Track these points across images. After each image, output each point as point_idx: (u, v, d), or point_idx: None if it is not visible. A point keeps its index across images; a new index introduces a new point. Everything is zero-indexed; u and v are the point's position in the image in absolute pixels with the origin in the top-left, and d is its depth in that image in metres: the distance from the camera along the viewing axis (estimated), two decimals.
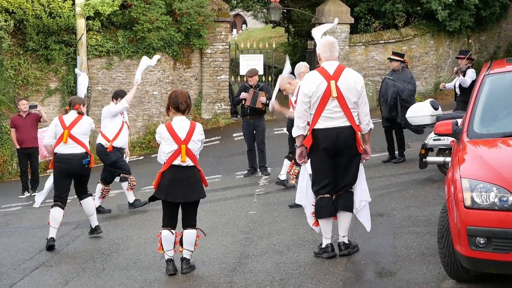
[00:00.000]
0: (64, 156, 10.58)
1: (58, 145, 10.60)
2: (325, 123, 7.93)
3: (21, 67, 21.70)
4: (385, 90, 14.41)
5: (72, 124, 10.60)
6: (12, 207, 15.69)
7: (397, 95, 14.17)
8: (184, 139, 8.31)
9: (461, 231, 6.32)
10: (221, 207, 12.28)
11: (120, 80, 22.90)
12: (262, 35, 42.69)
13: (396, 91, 14.19)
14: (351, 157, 8.02)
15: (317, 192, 8.15)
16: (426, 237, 8.67)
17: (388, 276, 7.42)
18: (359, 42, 25.64)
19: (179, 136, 8.31)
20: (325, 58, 8.13)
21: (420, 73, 26.16)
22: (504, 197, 6.16)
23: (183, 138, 8.31)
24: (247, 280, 7.87)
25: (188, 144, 8.31)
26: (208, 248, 9.41)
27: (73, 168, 10.67)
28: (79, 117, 10.70)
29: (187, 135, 8.33)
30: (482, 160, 6.61)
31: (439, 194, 10.83)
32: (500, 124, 7.33)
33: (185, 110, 8.43)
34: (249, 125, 14.97)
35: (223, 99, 24.24)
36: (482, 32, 27.98)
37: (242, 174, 15.47)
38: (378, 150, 15.95)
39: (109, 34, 22.67)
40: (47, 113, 20.45)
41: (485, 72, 8.00)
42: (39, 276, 9.17)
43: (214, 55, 24.02)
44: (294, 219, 10.58)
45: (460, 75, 14.08)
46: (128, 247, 10.25)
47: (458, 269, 6.73)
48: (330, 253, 8.16)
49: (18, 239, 11.71)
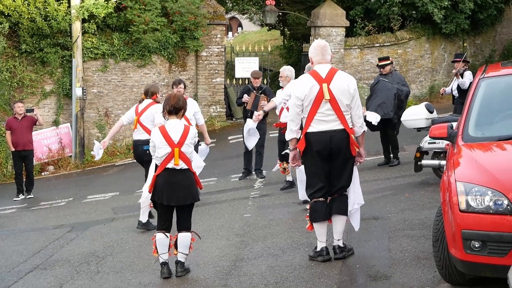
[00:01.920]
0: (134, 142, 11.76)
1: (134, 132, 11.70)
2: (318, 126, 7.92)
3: (16, 69, 21.67)
4: (384, 92, 14.18)
5: (142, 111, 11.44)
6: (6, 209, 15.65)
7: (397, 96, 14.09)
8: (178, 142, 8.30)
9: (456, 234, 6.32)
10: (216, 210, 12.26)
11: (116, 82, 22.89)
12: (257, 38, 42.79)
13: (397, 93, 14.09)
14: (345, 160, 8.00)
15: (311, 195, 8.14)
16: (421, 240, 8.66)
17: (383, 279, 7.41)
18: (354, 45, 25.66)
19: (172, 139, 8.31)
20: (317, 61, 8.12)
21: (415, 76, 26.21)
22: (499, 201, 6.15)
23: (176, 141, 8.30)
24: (241, 283, 7.86)
25: (181, 147, 8.31)
26: (203, 251, 9.40)
27: (138, 154, 11.61)
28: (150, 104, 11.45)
29: (181, 138, 8.32)
30: (477, 163, 6.61)
31: (434, 198, 10.83)
32: (495, 128, 7.33)
33: (176, 112, 8.44)
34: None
35: (218, 102, 24.24)
36: (477, 36, 28.07)
37: (237, 177, 15.45)
38: (372, 153, 15.97)
39: (104, 36, 22.66)
40: (42, 115, 20.45)
41: (480, 76, 8.01)
42: (33, 279, 9.16)
43: (209, 58, 24.01)
44: (289, 222, 10.58)
45: (459, 77, 14.12)
46: (122, 250, 10.23)
47: (453, 273, 6.73)
48: (325, 257, 8.15)
49: (12, 242, 11.68)
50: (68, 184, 19.10)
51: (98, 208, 14.30)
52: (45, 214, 14.47)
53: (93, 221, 12.80)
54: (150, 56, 23.01)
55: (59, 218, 13.61)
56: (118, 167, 20.85)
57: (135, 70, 23.04)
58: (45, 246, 11.02)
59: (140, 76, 23.12)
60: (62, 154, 21.96)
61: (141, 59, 22.91)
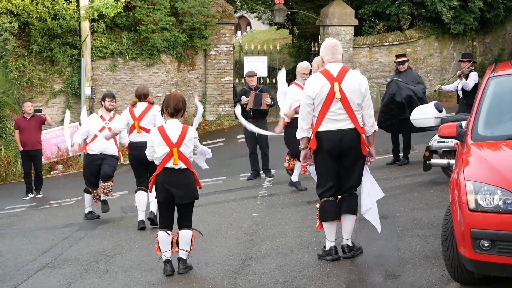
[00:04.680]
0: (136, 144, 11.31)
1: (130, 134, 11.50)
2: (329, 125, 7.90)
3: (25, 68, 21.71)
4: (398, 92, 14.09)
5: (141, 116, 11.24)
6: (16, 208, 15.70)
7: (411, 96, 13.96)
8: (176, 142, 8.38)
9: (465, 234, 6.30)
10: (224, 209, 12.27)
11: (124, 81, 22.93)
12: (266, 37, 42.76)
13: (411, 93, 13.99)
14: (355, 159, 7.99)
15: (321, 194, 8.12)
16: (430, 239, 8.64)
17: (392, 278, 7.40)
18: (363, 44, 25.64)
19: (170, 139, 8.38)
20: (327, 60, 8.10)
21: (424, 75, 26.13)
22: (509, 200, 6.13)
23: (174, 141, 8.38)
24: (250, 283, 7.85)
25: (180, 147, 8.37)
26: (212, 250, 9.41)
27: (143, 155, 11.30)
28: (148, 107, 11.27)
29: (179, 138, 8.40)
30: (486, 162, 6.59)
31: (443, 197, 10.80)
32: (505, 127, 7.29)
33: (173, 114, 8.49)
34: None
35: (227, 101, 24.25)
36: (486, 34, 27.99)
37: (246, 177, 15.45)
38: (382, 152, 15.92)
39: (113, 35, 22.71)
40: (51, 114, 20.52)
41: (489, 75, 7.98)
42: (42, 278, 9.17)
43: (218, 57, 24.03)
44: (298, 221, 10.57)
45: (463, 79, 14.01)
46: (131, 249, 10.24)
47: (462, 272, 6.71)
48: (333, 256, 8.14)
49: (21, 241, 11.71)
50: (77, 183, 19.06)
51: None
52: (54, 213, 14.51)
53: (102, 220, 12.82)
54: (159, 55, 23.04)
55: (68, 217, 13.63)
56: (126, 166, 20.78)
57: (144, 69, 23.08)
58: (54, 244, 11.04)
59: (149, 75, 23.15)
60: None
61: (149, 58, 22.94)
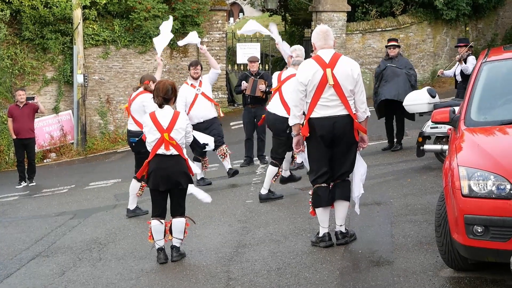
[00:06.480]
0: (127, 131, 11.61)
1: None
2: (322, 112, 7.89)
3: (17, 56, 21.62)
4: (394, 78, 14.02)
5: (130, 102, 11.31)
6: (9, 197, 15.66)
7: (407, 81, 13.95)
8: (167, 127, 8.36)
9: (458, 219, 6.30)
10: (218, 196, 12.24)
11: (117, 69, 22.84)
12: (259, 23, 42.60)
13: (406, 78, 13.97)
14: (348, 145, 7.98)
15: (314, 181, 8.12)
16: (424, 225, 8.65)
17: (386, 265, 7.40)
18: (356, 30, 25.56)
19: (161, 125, 8.35)
20: (319, 46, 8.08)
21: (417, 61, 26.11)
22: (502, 185, 6.12)
23: (165, 126, 8.36)
24: (244, 270, 7.85)
25: (170, 132, 8.35)
26: (205, 238, 9.40)
27: (129, 143, 11.63)
28: (138, 94, 11.24)
29: (170, 124, 8.38)
30: (479, 148, 6.58)
31: (436, 182, 10.81)
32: (498, 112, 7.29)
33: (163, 103, 8.45)
34: (250, 114, 14.91)
35: (220, 87, 24.18)
36: (479, 20, 27.94)
37: (239, 163, 15.43)
38: (375, 138, 15.92)
39: (105, 23, 22.60)
40: (43, 102, 20.43)
41: (482, 60, 7.96)
42: (35, 266, 9.16)
43: (211, 44, 23.93)
44: (291, 208, 10.56)
45: (462, 63, 14.03)
46: (125, 237, 10.23)
47: (455, 258, 6.72)
48: (327, 242, 8.15)
49: (14, 229, 11.69)
50: (70, 171, 19.11)
51: (100, 195, 14.30)
52: (47, 201, 14.47)
53: (95, 208, 12.80)
54: (151, 43, 22.87)
55: (61, 205, 13.61)
56: (120, 154, 20.83)
57: (136, 56, 22.98)
58: (47, 233, 11.03)
59: (141, 63, 23.06)
60: (64, 141, 21.97)
61: (142, 45, 22.84)
